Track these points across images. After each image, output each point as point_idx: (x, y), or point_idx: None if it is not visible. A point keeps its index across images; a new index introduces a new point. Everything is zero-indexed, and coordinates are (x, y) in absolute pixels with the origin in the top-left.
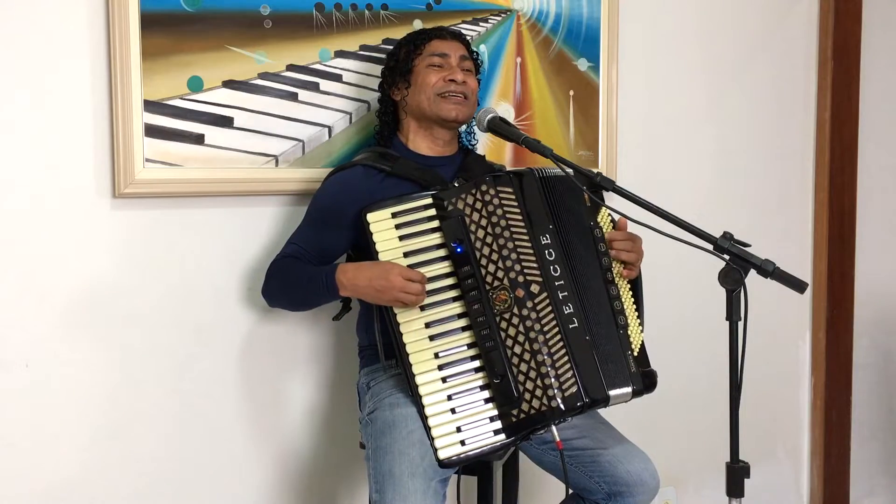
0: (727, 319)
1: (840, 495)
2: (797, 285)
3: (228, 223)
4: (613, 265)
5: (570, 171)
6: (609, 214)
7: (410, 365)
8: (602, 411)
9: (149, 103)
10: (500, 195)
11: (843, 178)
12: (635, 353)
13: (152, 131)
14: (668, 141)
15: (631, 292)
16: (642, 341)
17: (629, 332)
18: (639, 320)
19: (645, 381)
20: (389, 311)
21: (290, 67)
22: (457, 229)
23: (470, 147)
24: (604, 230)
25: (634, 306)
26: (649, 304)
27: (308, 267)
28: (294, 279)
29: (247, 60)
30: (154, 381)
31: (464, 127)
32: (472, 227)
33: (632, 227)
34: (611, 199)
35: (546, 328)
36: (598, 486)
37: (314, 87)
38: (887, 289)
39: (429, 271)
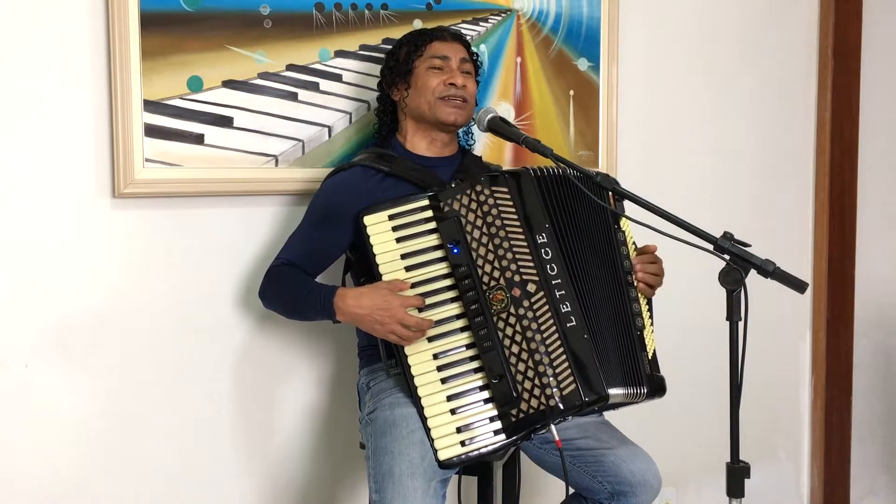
0: (727, 319)
1: (840, 495)
2: (797, 285)
3: (228, 223)
4: (639, 286)
5: (570, 171)
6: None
7: (409, 366)
8: (604, 413)
9: (149, 103)
10: (496, 195)
11: (843, 178)
12: (649, 357)
13: (152, 131)
14: (668, 141)
15: (646, 300)
16: (654, 348)
17: (644, 336)
18: (651, 328)
19: (654, 383)
20: None
21: (290, 67)
22: (453, 230)
23: (467, 147)
24: (626, 234)
25: (649, 314)
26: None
27: (307, 280)
28: (291, 291)
29: (246, 60)
30: (154, 380)
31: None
32: (469, 228)
33: (632, 227)
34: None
35: (543, 327)
36: (601, 486)
37: (314, 87)
38: (887, 289)
39: (426, 272)
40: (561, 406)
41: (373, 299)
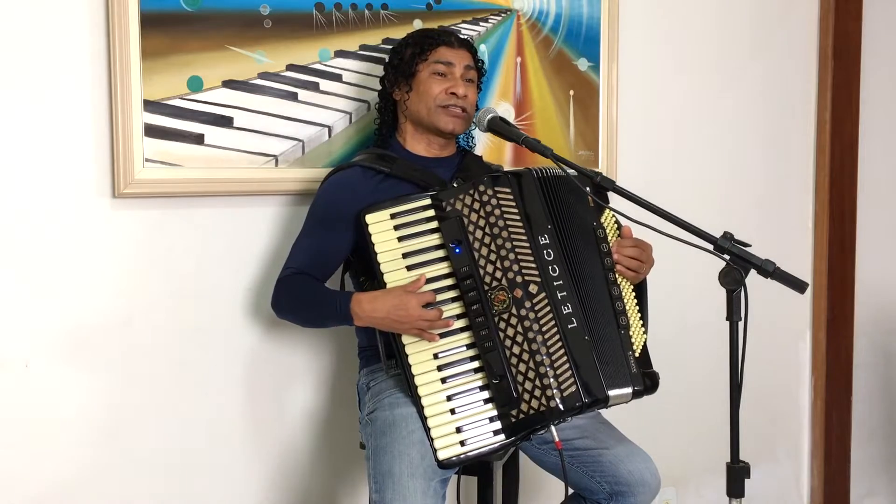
0: (727, 319)
1: (840, 495)
2: (797, 285)
3: (228, 223)
4: (617, 268)
5: (570, 171)
6: (613, 215)
7: (410, 366)
8: (603, 411)
9: (149, 103)
10: (499, 195)
11: (843, 178)
12: (636, 354)
13: (152, 131)
14: (668, 141)
15: (634, 293)
16: (644, 342)
17: (631, 333)
18: (641, 321)
19: (646, 381)
20: None
21: (290, 67)
22: (455, 230)
23: (468, 148)
24: (607, 231)
25: (637, 308)
26: (650, 304)
27: (320, 289)
28: (305, 301)
29: (247, 60)
30: (153, 380)
31: None
32: (471, 228)
33: (632, 228)
34: (611, 199)
35: (545, 328)
36: (599, 486)
37: (314, 87)
38: (887, 289)
39: (428, 272)
40: (561, 407)
41: (387, 301)
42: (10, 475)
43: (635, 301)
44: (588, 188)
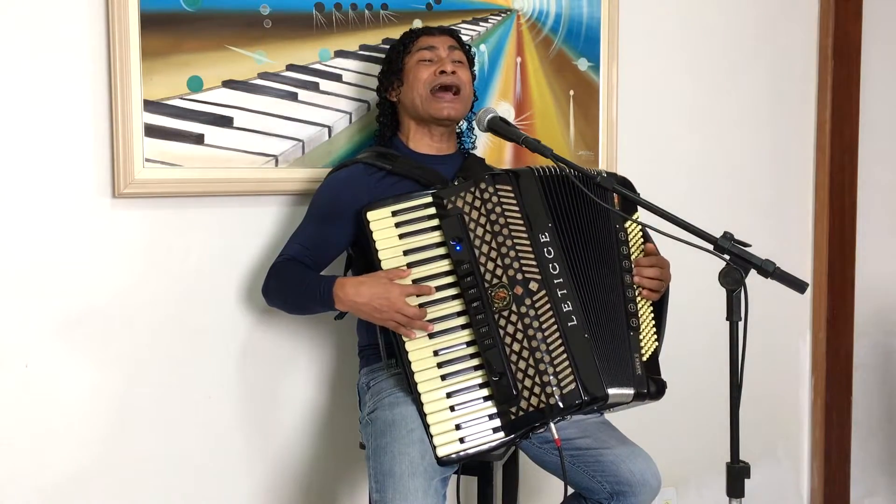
0: (727, 319)
1: (840, 495)
2: (797, 285)
3: (228, 223)
4: (642, 292)
5: (570, 170)
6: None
7: (409, 363)
8: (604, 413)
9: (148, 103)
10: (499, 193)
11: (843, 178)
12: (644, 358)
13: (152, 131)
14: (668, 141)
15: (650, 302)
16: (655, 350)
17: (640, 336)
18: (654, 328)
19: (650, 386)
20: None
21: (290, 67)
22: (456, 227)
23: (470, 145)
24: (629, 234)
25: (652, 315)
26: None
27: (308, 273)
28: (292, 284)
29: (246, 60)
30: (153, 380)
31: (464, 125)
32: (472, 226)
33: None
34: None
35: (544, 326)
36: (600, 486)
37: (314, 87)
38: (887, 289)
39: (428, 269)
40: (560, 405)
41: (372, 287)
42: (10, 475)
43: (650, 308)
44: (614, 193)
